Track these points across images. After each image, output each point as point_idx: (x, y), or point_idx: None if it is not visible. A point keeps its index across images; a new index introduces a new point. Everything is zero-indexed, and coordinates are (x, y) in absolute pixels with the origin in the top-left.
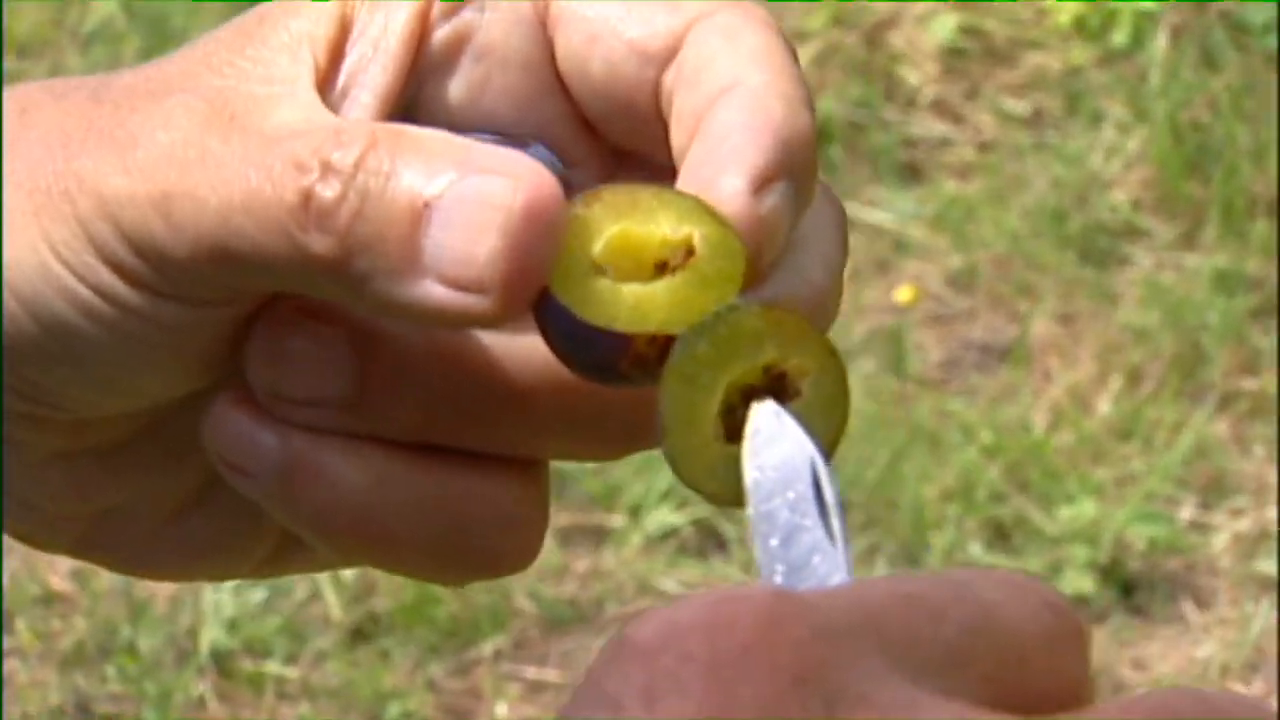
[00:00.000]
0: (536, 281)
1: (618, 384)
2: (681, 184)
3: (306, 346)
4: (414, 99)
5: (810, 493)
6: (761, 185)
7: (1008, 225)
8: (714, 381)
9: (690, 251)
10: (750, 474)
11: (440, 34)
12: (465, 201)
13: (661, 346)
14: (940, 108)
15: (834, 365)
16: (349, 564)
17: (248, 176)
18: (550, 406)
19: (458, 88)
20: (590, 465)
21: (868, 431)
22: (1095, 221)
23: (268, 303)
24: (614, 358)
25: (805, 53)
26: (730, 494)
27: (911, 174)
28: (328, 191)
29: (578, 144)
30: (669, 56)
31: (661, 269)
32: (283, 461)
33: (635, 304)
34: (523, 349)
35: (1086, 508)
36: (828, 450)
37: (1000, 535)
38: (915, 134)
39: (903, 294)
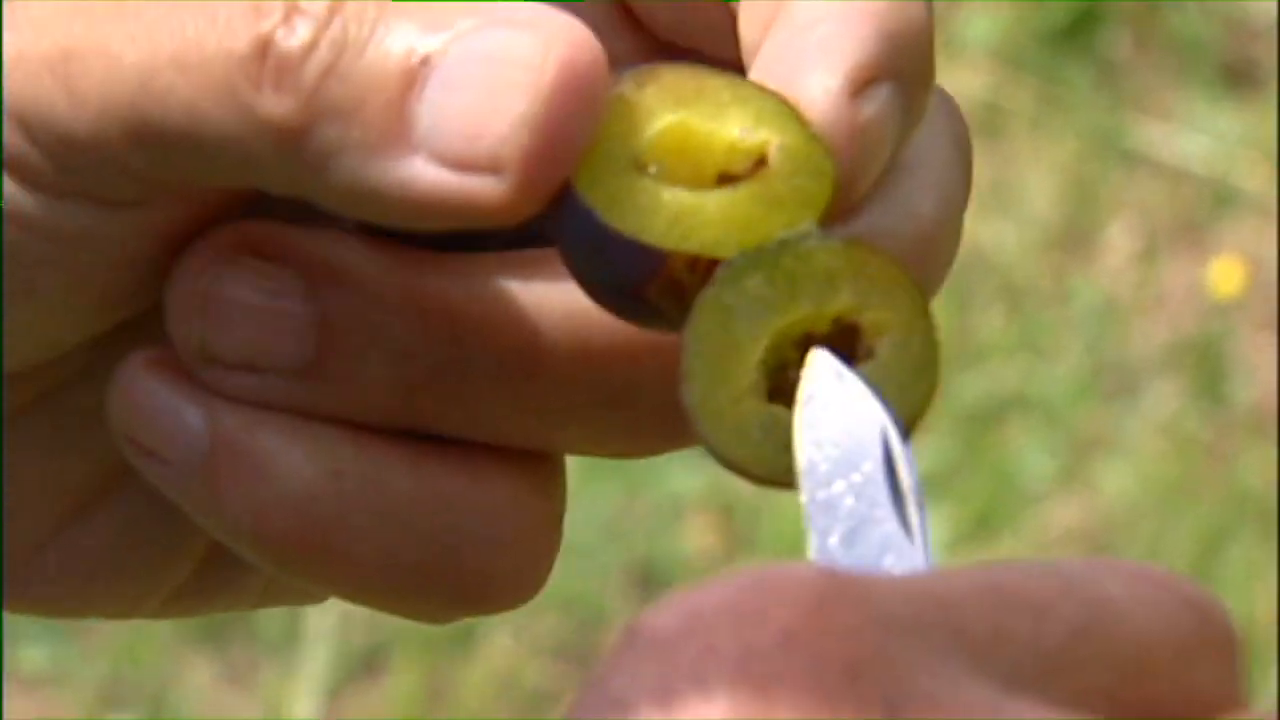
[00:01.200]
0: (566, 165)
1: (644, 320)
2: None
3: (247, 291)
4: None
5: (882, 474)
6: (860, 87)
7: None
8: (762, 324)
9: (763, 162)
10: (805, 451)
11: None
12: (479, 59)
13: (705, 274)
14: None
15: (924, 325)
16: (295, 594)
17: (182, 24)
18: (566, 376)
19: None
20: None
21: (1163, 501)
22: None
23: (198, 231)
24: (640, 280)
25: None
26: (767, 467)
27: (1241, 79)
28: (292, 40)
29: (617, 38)
30: None
31: (726, 182)
32: (209, 445)
33: (677, 214)
34: (531, 298)
35: None
36: (904, 431)
37: None
38: (1247, 17)
39: (1224, 277)
